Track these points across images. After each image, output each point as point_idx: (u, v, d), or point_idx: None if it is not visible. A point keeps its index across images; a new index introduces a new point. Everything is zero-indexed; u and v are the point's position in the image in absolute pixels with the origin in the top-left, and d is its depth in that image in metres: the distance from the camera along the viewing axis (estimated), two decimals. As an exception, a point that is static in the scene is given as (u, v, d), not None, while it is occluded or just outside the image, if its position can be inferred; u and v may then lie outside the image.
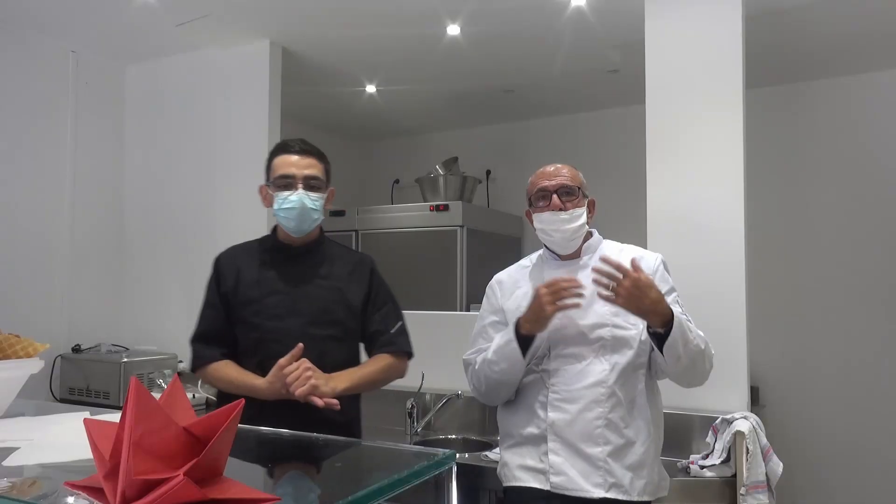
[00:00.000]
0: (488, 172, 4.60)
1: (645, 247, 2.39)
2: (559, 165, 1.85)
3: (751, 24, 2.65)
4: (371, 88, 3.89)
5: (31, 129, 3.19)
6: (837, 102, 3.65)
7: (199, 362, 1.88)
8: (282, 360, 1.70)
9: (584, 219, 1.81)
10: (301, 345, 1.72)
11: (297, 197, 1.83)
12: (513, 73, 3.66)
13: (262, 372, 1.76)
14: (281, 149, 1.90)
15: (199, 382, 3.03)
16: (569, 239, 1.81)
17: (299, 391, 1.67)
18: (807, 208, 3.70)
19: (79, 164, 3.38)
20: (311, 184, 1.86)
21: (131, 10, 2.93)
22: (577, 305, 1.66)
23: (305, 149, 1.90)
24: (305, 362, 1.72)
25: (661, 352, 1.68)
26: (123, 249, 3.58)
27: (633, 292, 1.59)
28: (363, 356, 2.02)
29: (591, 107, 4.24)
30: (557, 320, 1.76)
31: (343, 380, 1.80)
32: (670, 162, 2.60)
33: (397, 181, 4.91)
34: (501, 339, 1.77)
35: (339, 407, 1.71)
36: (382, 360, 1.94)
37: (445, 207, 3.76)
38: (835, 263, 3.61)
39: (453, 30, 3.06)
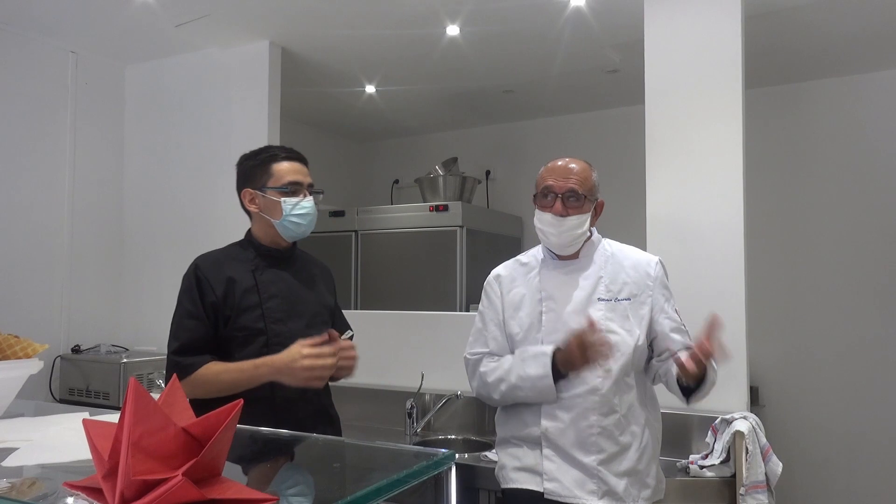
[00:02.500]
0: (488, 173, 4.60)
1: (644, 247, 2.40)
2: (572, 164, 1.78)
3: (750, 24, 2.65)
4: (370, 89, 3.89)
5: (30, 129, 3.19)
6: (837, 102, 3.65)
7: (186, 371, 1.76)
8: (311, 341, 1.75)
9: (585, 226, 1.77)
10: (327, 333, 1.78)
11: (310, 203, 1.89)
12: (512, 74, 3.67)
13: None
14: (282, 156, 1.91)
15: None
16: (565, 244, 1.79)
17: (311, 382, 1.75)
18: (806, 208, 3.70)
19: (78, 164, 3.38)
20: (312, 190, 1.92)
21: (131, 10, 2.93)
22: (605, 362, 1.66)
23: (303, 157, 1.95)
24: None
25: (686, 398, 1.72)
26: (123, 250, 3.59)
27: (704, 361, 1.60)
28: None
29: (590, 107, 4.24)
30: (550, 324, 1.77)
31: None
32: (670, 162, 2.60)
33: (397, 181, 4.91)
34: (533, 370, 1.71)
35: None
36: None
37: (445, 208, 3.76)
38: (834, 263, 3.61)
39: (452, 30, 3.06)
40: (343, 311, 2.12)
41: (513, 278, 1.89)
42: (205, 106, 3.44)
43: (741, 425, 2.16)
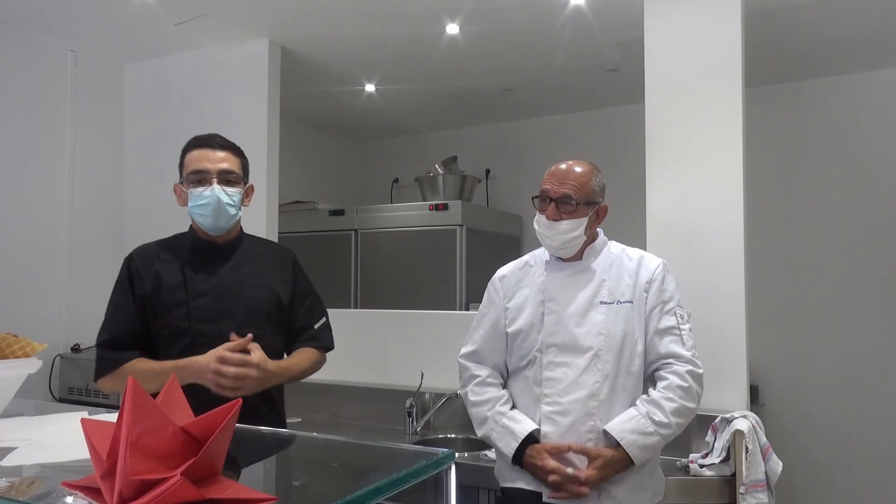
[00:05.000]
0: (487, 171, 4.59)
1: (644, 246, 2.39)
2: (573, 169, 1.78)
3: (750, 23, 2.65)
4: (370, 87, 3.89)
5: (30, 128, 3.18)
6: (837, 101, 3.65)
7: (112, 365, 1.71)
8: (232, 345, 1.66)
9: (578, 231, 1.76)
10: (251, 335, 1.69)
11: (211, 192, 1.75)
12: (512, 72, 3.66)
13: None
14: (193, 144, 1.82)
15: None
16: (558, 248, 1.79)
17: (224, 391, 1.62)
18: (806, 207, 3.70)
19: (78, 163, 3.38)
20: (226, 178, 1.79)
21: (130, 9, 2.92)
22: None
23: (220, 143, 1.83)
24: (253, 358, 1.67)
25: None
26: (122, 249, 3.56)
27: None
28: None
29: (590, 106, 4.23)
30: (552, 325, 1.77)
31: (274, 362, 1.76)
32: (670, 161, 2.60)
33: (396, 180, 4.91)
34: (501, 443, 1.75)
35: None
36: (308, 353, 1.91)
37: (445, 207, 3.75)
38: (835, 262, 3.61)
39: (452, 29, 3.06)
40: (342, 310, 2.07)
41: (517, 279, 1.89)
42: (204, 104, 3.43)
43: (741, 424, 2.16)
